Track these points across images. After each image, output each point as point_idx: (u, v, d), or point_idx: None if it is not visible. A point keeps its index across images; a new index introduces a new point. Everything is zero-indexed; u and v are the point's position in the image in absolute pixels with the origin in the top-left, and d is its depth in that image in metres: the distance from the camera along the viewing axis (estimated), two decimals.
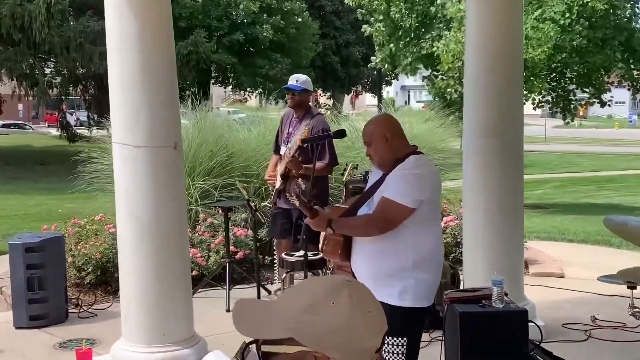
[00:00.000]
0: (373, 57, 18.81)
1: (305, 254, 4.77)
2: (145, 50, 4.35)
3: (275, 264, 6.57)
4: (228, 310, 6.09)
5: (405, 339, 3.50)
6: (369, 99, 57.53)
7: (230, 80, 32.41)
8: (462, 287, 5.62)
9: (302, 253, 5.21)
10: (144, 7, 4.39)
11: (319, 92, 38.49)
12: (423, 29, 17.12)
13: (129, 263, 4.57)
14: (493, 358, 4.00)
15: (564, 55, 14.41)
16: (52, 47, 20.00)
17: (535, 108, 16.17)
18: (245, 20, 29.38)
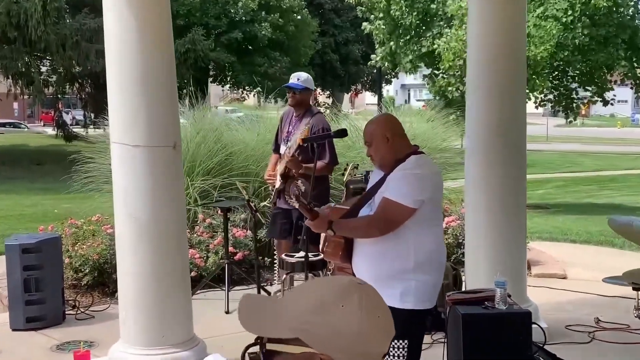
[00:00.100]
0: (373, 55, 18.79)
1: (306, 255, 4.78)
2: (145, 50, 4.35)
3: (275, 265, 6.56)
4: (227, 312, 6.09)
5: (406, 342, 3.49)
6: (369, 98, 57.51)
7: (229, 79, 32.39)
8: (464, 288, 5.62)
9: (302, 254, 5.21)
10: (144, 7, 4.39)
11: (318, 90, 38.47)
12: (424, 27, 17.11)
13: (127, 264, 4.57)
14: None
15: (567, 54, 14.40)
16: (48, 45, 19.99)
17: (537, 107, 16.15)
18: (244, 18, 29.37)
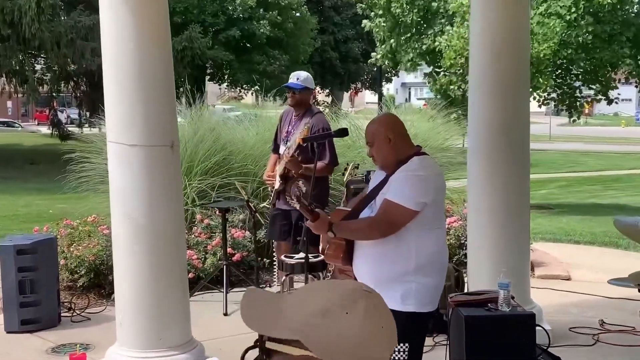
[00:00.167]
0: (373, 53, 18.80)
1: (306, 256, 4.77)
2: (142, 48, 4.34)
3: (274, 266, 6.56)
4: (226, 314, 6.08)
5: (407, 345, 3.48)
6: (369, 96, 57.51)
7: (226, 77, 32.38)
8: (466, 289, 5.61)
9: (302, 255, 5.21)
10: (141, 4, 4.38)
11: (318, 89, 38.47)
12: (425, 24, 17.12)
13: (124, 265, 4.56)
14: None
15: (570, 51, 14.40)
16: (42, 42, 19.97)
17: (540, 105, 16.15)
18: (242, 16, 29.36)
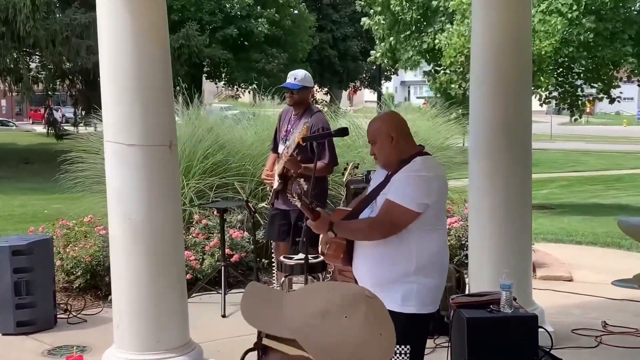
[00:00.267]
0: (373, 51, 18.80)
1: (306, 257, 4.77)
2: (140, 46, 4.34)
3: (273, 267, 6.56)
4: (224, 316, 6.09)
5: (409, 347, 3.49)
6: (368, 95, 57.52)
7: (223, 76, 32.36)
8: (467, 291, 5.62)
9: (301, 256, 5.21)
10: (139, 2, 4.38)
11: (316, 87, 38.48)
12: (425, 22, 17.12)
13: (122, 266, 4.56)
14: None
15: (571, 49, 14.40)
16: (37, 40, 19.93)
17: (542, 104, 16.15)
18: (239, 14, 29.34)
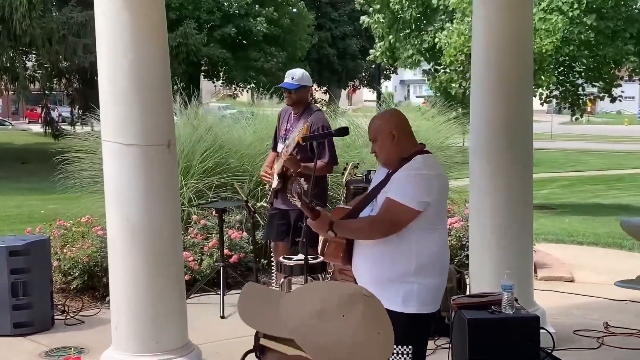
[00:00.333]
0: (372, 50, 18.81)
1: (306, 258, 4.78)
2: (139, 45, 4.34)
3: (272, 268, 6.56)
4: (223, 317, 6.09)
5: (411, 348, 3.49)
6: (367, 94, 57.54)
7: (221, 75, 32.34)
8: (468, 292, 5.63)
9: (301, 256, 5.22)
10: (138, 1, 4.38)
11: (314, 86, 38.47)
12: (424, 20, 17.13)
13: (120, 266, 4.57)
14: None
15: (572, 48, 14.40)
16: (33, 39, 19.91)
17: (543, 103, 16.15)
18: (238, 12, 29.32)
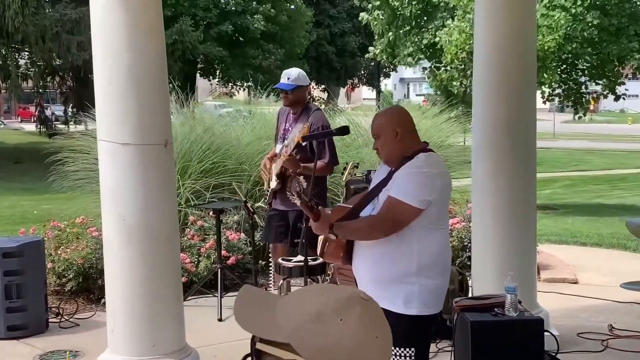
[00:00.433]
0: (371, 47, 18.80)
1: (305, 259, 4.77)
2: (135, 43, 4.33)
3: (271, 270, 6.55)
4: (220, 319, 6.08)
5: (413, 350, 3.49)
6: (366, 92, 57.55)
7: (218, 73, 32.33)
8: (470, 293, 5.63)
9: (300, 258, 5.21)
10: None
11: (313, 84, 38.47)
12: (425, 17, 17.12)
13: (116, 268, 4.56)
14: None
15: (575, 45, 14.40)
16: (26, 36, 19.89)
17: (545, 102, 16.15)
18: (235, 9, 29.32)
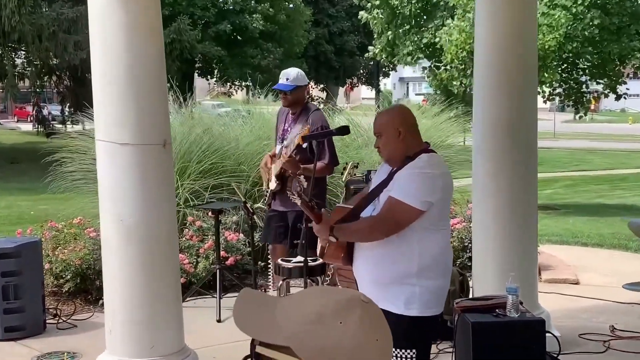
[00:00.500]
0: (370, 47, 18.80)
1: (305, 260, 4.77)
2: (134, 43, 4.33)
3: (270, 271, 6.55)
4: (219, 321, 6.08)
5: (414, 351, 3.49)
6: (365, 92, 57.53)
7: (216, 72, 32.31)
8: (471, 294, 5.63)
9: (299, 259, 5.21)
10: None
11: (312, 83, 38.46)
12: (425, 16, 17.11)
13: (114, 268, 4.56)
14: None
15: (575, 45, 14.39)
16: (22, 35, 19.88)
17: (546, 101, 16.14)
18: (233, 8, 29.31)
